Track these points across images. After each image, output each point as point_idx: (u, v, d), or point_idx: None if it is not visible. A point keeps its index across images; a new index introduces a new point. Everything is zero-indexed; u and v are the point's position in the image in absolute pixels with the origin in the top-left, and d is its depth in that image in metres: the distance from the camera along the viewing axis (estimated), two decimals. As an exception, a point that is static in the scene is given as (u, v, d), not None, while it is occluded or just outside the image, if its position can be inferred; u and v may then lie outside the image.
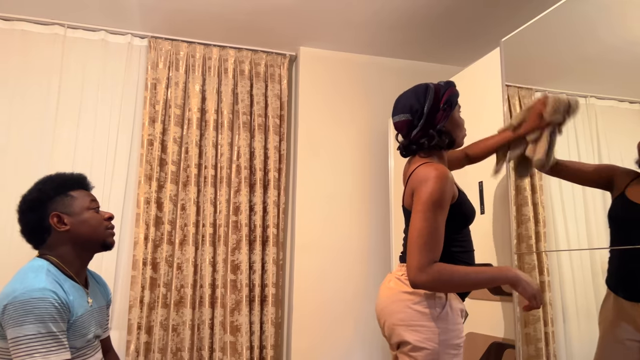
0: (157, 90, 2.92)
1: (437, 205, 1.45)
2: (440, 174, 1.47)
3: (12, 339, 1.23)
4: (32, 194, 1.45)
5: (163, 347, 2.71)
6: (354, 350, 2.95)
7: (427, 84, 1.65)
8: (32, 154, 2.73)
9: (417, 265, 1.41)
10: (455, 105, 1.64)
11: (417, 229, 1.44)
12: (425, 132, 1.61)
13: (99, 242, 1.49)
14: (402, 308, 1.49)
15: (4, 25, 2.79)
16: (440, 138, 1.61)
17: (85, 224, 1.45)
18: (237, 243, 2.89)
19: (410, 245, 1.44)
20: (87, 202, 1.48)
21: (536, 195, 1.90)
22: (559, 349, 1.74)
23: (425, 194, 1.46)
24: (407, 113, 1.63)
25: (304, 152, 3.08)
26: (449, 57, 3.31)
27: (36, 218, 1.42)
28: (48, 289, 1.28)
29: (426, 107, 1.60)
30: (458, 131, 1.66)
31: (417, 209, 1.46)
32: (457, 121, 1.66)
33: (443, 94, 1.62)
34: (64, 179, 1.48)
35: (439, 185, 1.46)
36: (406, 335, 1.46)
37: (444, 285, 1.44)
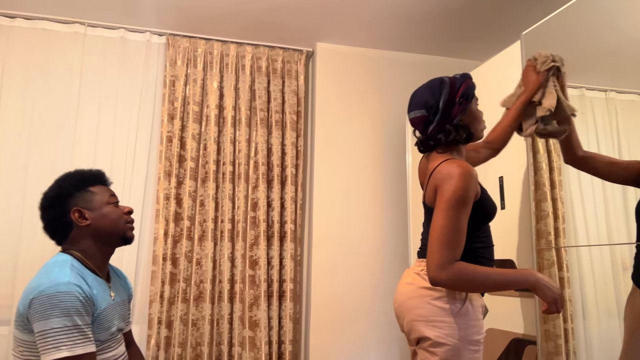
0: (176, 88, 2.95)
1: (460, 203, 1.44)
2: (464, 171, 1.45)
3: (39, 332, 1.26)
4: (52, 190, 1.48)
5: (183, 342, 2.75)
6: (371, 345, 2.96)
7: (442, 78, 1.63)
8: (53, 151, 2.78)
9: (438, 263, 1.41)
10: (472, 97, 1.62)
11: (440, 227, 1.43)
12: (441, 127, 1.59)
13: (119, 235, 1.51)
14: (421, 304, 1.49)
15: (26, 24, 2.84)
16: (457, 132, 1.59)
17: (105, 218, 1.48)
18: (255, 239, 2.91)
19: (432, 242, 1.44)
20: (107, 197, 1.51)
21: (555, 191, 1.88)
22: (579, 346, 1.73)
23: (448, 192, 1.44)
24: (422, 109, 1.61)
25: (321, 148, 3.09)
26: (466, 51, 3.28)
27: (58, 214, 1.45)
28: (73, 282, 1.31)
29: (442, 102, 1.58)
30: (477, 124, 1.64)
31: (440, 207, 1.45)
32: (474, 114, 1.64)
33: (459, 87, 1.60)
34: (83, 175, 1.51)
35: (463, 183, 1.44)
36: (426, 331, 1.46)
37: (464, 285, 1.43)
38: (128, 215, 1.55)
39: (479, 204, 1.53)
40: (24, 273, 2.63)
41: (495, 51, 3.25)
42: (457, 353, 1.43)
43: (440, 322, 1.45)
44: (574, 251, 1.77)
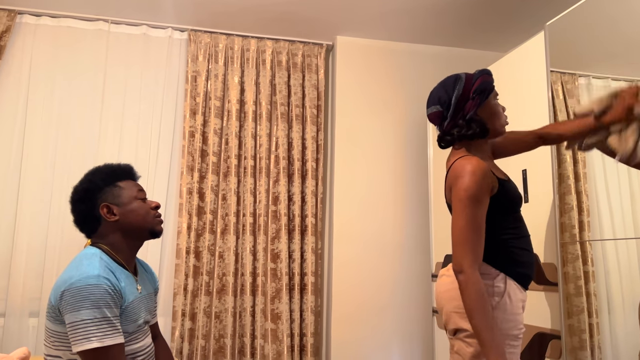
0: (198, 83, 2.98)
1: (473, 201, 1.46)
2: (474, 168, 1.47)
3: (70, 324, 1.30)
4: (82, 184, 1.50)
5: (206, 334, 2.79)
6: (393, 338, 2.96)
7: (459, 74, 1.64)
8: (80, 147, 2.84)
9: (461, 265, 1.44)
10: (489, 93, 1.61)
11: (458, 228, 1.46)
12: (455, 122, 1.61)
13: (147, 230, 1.53)
14: (458, 295, 1.51)
15: (52, 22, 2.90)
16: (469, 127, 1.59)
17: (133, 214, 1.50)
18: (277, 232, 2.93)
19: (453, 243, 1.48)
20: (135, 192, 1.53)
21: (580, 184, 1.86)
22: (604, 341, 1.71)
23: (461, 191, 1.47)
24: (436, 104, 1.64)
25: (342, 141, 3.09)
26: (488, 43, 3.24)
27: (87, 208, 1.48)
28: (102, 275, 1.34)
29: (454, 97, 1.60)
30: (495, 119, 1.63)
31: (455, 207, 1.48)
32: (492, 109, 1.63)
33: (474, 82, 1.60)
34: (112, 170, 1.53)
35: (474, 180, 1.46)
36: (462, 323, 1.48)
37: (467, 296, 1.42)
38: (155, 210, 1.57)
39: (499, 196, 1.53)
40: (52, 266, 2.70)
41: (518, 42, 3.21)
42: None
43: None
44: (599, 245, 1.74)
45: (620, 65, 1.70)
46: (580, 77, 1.89)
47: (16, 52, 2.84)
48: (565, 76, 1.96)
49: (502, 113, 1.66)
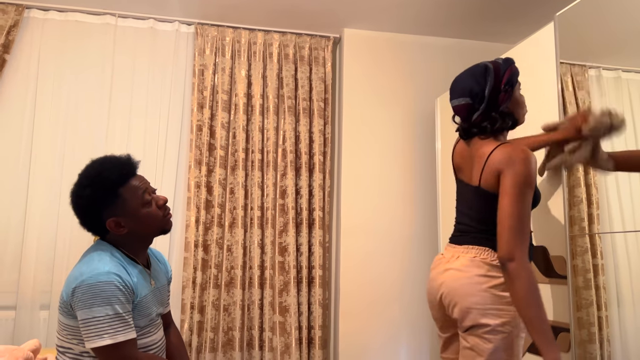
0: (205, 77, 2.98)
1: (528, 187, 1.46)
2: (528, 155, 1.48)
3: (82, 320, 1.31)
4: (81, 199, 1.40)
5: (215, 326, 2.81)
6: (400, 331, 2.97)
7: (486, 64, 1.60)
8: (88, 140, 2.85)
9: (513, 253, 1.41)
10: (516, 84, 1.61)
11: (509, 213, 1.44)
12: (487, 115, 1.59)
13: (158, 231, 1.50)
14: (476, 291, 1.49)
15: (59, 16, 2.91)
16: (504, 120, 1.59)
17: (143, 223, 1.45)
18: (284, 226, 2.94)
19: (504, 228, 1.44)
20: (140, 197, 1.43)
21: (589, 176, 1.84)
22: (613, 334, 1.70)
23: (516, 176, 1.46)
24: (466, 97, 1.59)
25: (349, 135, 3.09)
26: (497, 34, 3.22)
27: (93, 222, 1.44)
28: (113, 272, 1.34)
29: (487, 90, 1.56)
30: (519, 110, 1.64)
31: (507, 192, 1.46)
32: (518, 100, 1.64)
33: (503, 73, 1.58)
34: (110, 180, 1.40)
35: (530, 167, 1.47)
36: (483, 319, 1.46)
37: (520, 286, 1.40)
38: (163, 207, 1.50)
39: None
40: (62, 259, 2.72)
41: (527, 33, 3.18)
42: (512, 340, 1.45)
43: (498, 310, 1.46)
44: (608, 238, 1.73)
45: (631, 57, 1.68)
46: (590, 68, 1.87)
47: (24, 47, 2.86)
48: (575, 68, 1.94)
49: (524, 103, 1.67)
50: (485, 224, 1.58)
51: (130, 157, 1.48)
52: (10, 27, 2.76)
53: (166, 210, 1.52)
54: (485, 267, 1.51)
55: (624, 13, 1.71)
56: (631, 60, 1.68)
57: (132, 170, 1.47)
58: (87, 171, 1.43)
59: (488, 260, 1.52)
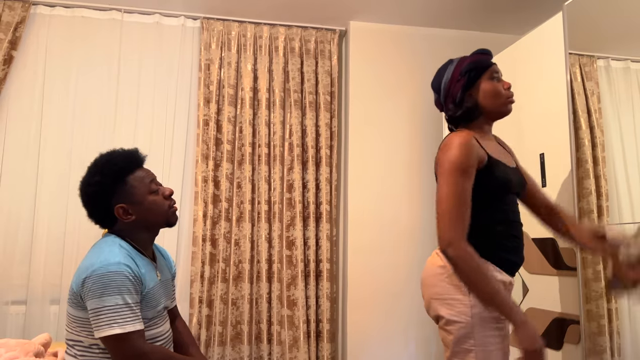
0: (211, 71, 2.97)
1: (459, 171, 1.42)
2: (460, 140, 1.45)
3: (92, 310, 1.32)
4: (91, 187, 1.44)
5: (223, 320, 2.82)
6: (409, 324, 2.97)
7: (452, 59, 1.65)
8: (96, 135, 2.86)
9: (448, 238, 1.39)
10: (481, 71, 1.57)
11: (443, 198, 1.42)
12: (447, 106, 1.62)
13: (164, 221, 1.53)
14: (436, 282, 1.50)
15: (66, 12, 2.91)
16: (457, 109, 1.58)
17: (149, 211, 1.48)
18: (292, 220, 2.94)
19: (438, 215, 1.43)
20: (147, 184, 1.48)
21: (598, 168, 1.83)
22: (623, 326, 1.69)
23: (446, 161, 1.44)
24: (435, 92, 1.67)
25: (355, 128, 3.08)
26: (504, 25, 3.19)
27: (101, 210, 1.46)
28: (122, 262, 1.36)
29: (443, 82, 1.61)
30: (490, 99, 1.57)
31: (441, 178, 1.45)
32: (487, 88, 1.57)
33: (463, 63, 1.59)
34: (118, 166, 1.45)
35: (460, 151, 1.43)
36: (440, 309, 1.47)
37: (462, 271, 1.38)
38: (169, 199, 1.54)
39: (484, 172, 1.48)
40: (72, 254, 2.74)
41: (535, 24, 3.15)
42: (471, 330, 1.41)
43: (452, 299, 1.45)
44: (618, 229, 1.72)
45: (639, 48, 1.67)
46: (599, 59, 1.86)
47: (31, 43, 2.86)
48: (583, 58, 1.92)
49: (500, 91, 1.58)
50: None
51: (137, 150, 1.54)
52: (17, 24, 2.77)
53: (172, 202, 1.55)
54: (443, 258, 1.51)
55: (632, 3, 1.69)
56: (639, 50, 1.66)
57: (140, 160, 1.52)
58: (96, 161, 1.48)
59: None
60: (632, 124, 1.69)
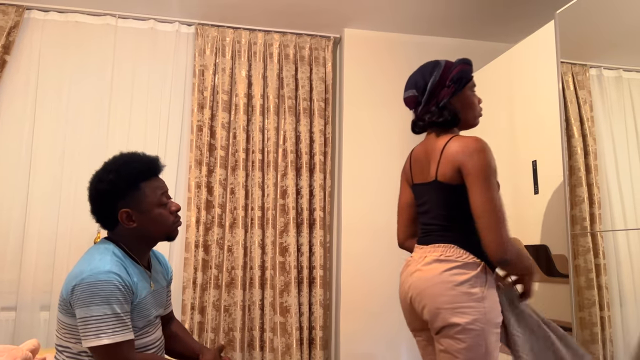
0: (205, 77, 2.97)
1: (493, 175, 1.46)
2: (484, 144, 1.48)
3: (81, 319, 1.30)
4: (102, 182, 1.41)
5: (216, 327, 2.80)
6: (401, 331, 2.96)
7: (438, 61, 1.64)
8: (89, 141, 2.84)
9: (502, 242, 1.41)
10: (466, 83, 1.61)
11: (487, 204, 1.43)
12: (428, 108, 1.61)
13: (164, 236, 1.49)
14: (445, 290, 1.46)
15: (60, 17, 2.91)
16: (441, 114, 1.58)
17: (152, 223, 1.44)
18: (285, 226, 2.93)
19: (484, 225, 1.42)
20: (158, 196, 1.45)
21: (591, 176, 1.84)
22: (616, 334, 1.69)
23: (481, 167, 1.45)
24: (413, 89, 1.64)
25: (349, 135, 3.08)
26: (497, 33, 3.21)
27: (106, 210, 1.43)
28: (113, 271, 1.33)
29: (430, 83, 1.59)
30: (468, 110, 1.62)
31: (476, 185, 1.44)
32: (467, 100, 1.62)
33: (452, 70, 1.60)
34: (137, 170, 1.43)
35: (489, 154, 1.47)
36: (453, 318, 1.44)
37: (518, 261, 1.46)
38: (175, 215, 1.50)
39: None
40: (63, 260, 2.72)
41: (527, 32, 3.17)
42: (485, 336, 1.42)
43: (467, 307, 1.44)
44: (610, 237, 1.72)
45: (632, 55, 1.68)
46: (592, 68, 1.87)
47: (24, 48, 2.85)
48: (575, 67, 1.94)
49: (477, 105, 1.65)
50: (448, 220, 1.55)
51: (158, 158, 1.51)
52: (10, 28, 2.76)
53: (177, 218, 1.51)
54: (451, 265, 1.48)
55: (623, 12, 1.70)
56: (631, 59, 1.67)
57: (158, 169, 1.49)
58: (115, 159, 1.45)
59: (454, 257, 1.49)
60: (624, 132, 1.70)
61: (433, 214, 1.59)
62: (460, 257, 1.49)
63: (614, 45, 1.76)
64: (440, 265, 1.50)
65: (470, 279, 1.46)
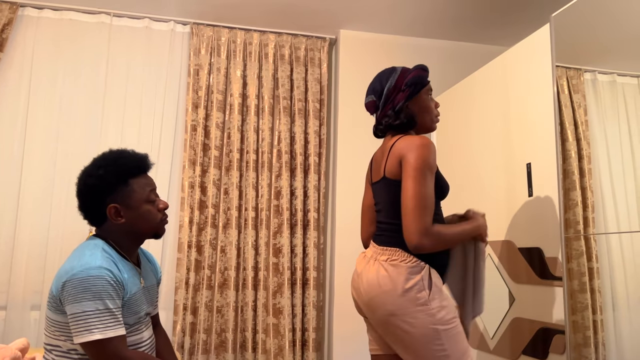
0: (200, 76, 2.96)
1: (428, 170, 1.50)
2: (427, 142, 1.53)
3: (72, 315, 1.29)
4: (91, 177, 1.42)
5: (208, 328, 2.78)
6: (395, 334, 2.95)
7: (395, 67, 1.71)
8: (82, 140, 2.82)
9: (420, 229, 1.44)
10: (421, 87, 1.67)
11: (413, 194, 1.47)
12: (385, 112, 1.67)
13: (152, 232, 1.50)
14: (392, 299, 1.48)
15: (54, 15, 2.89)
16: (397, 117, 1.64)
17: (140, 219, 1.45)
18: (279, 227, 2.92)
19: (408, 210, 1.47)
20: (146, 193, 1.46)
21: (585, 180, 1.84)
22: (609, 338, 1.69)
23: (417, 160, 1.50)
24: (372, 94, 1.70)
25: (344, 136, 3.08)
26: (492, 36, 3.22)
27: (94, 205, 1.44)
28: (104, 267, 1.33)
29: (386, 88, 1.65)
30: (425, 114, 1.69)
31: (409, 175, 1.49)
32: (423, 103, 1.68)
33: (408, 75, 1.66)
34: (126, 165, 1.44)
35: (428, 152, 1.52)
36: (403, 326, 1.47)
37: (443, 245, 1.50)
38: (163, 212, 1.51)
39: (436, 178, 1.60)
40: (54, 259, 2.70)
41: (522, 36, 3.18)
42: (437, 336, 1.46)
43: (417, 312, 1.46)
44: (603, 241, 1.73)
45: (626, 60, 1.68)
46: (586, 72, 1.87)
47: (18, 45, 2.83)
48: (570, 71, 1.94)
49: (433, 109, 1.71)
50: (396, 218, 1.58)
51: (147, 156, 1.53)
52: (4, 25, 2.74)
53: (164, 216, 1.53)
54: (398, 270, 1.50)
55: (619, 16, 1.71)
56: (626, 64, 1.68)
57: (147, 167, 1.51)
58: (105, 155, 1.47)
59: (398, 261, 1.52)
60: (617, 136, 1.71)
61: (384, 212, 1.63)
62: (405, 260, 1.52)
63: (608, 50, 1.76)
64: (387, 270, 1.52)
65: (417, 283, 1.48)
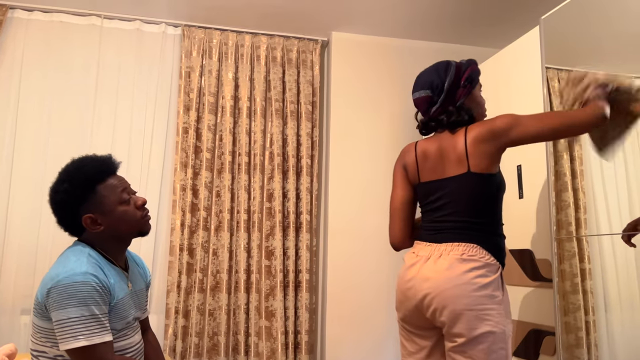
0: (191, 79, 2.95)
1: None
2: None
3: (57, 322, 1.27)
4: (58, 194, 1.40)
5: (200, 331, 2.77)
6: (388, 336, 2.95)
7: (449, 61, 1.65)
8: (72, 143, 2.80)
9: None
10: (477, 83, 1.65)
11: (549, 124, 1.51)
12: (444, 108, 1.62)
13: (135, 232, 1.47)
14: (469, 292, 1.42)
15: (44, 17, 2.86)
16: (459, 114, 1.60)
17: (119, 222, 1.42)
18: (271, 229, 2.91)
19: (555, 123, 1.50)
20: (118, 194, 1.42)
21: (576, 181, 1.84)
22: (601, 339, 1.69)
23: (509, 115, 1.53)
24: (427, 89, 1.63)
25: (337, 138, 3.07)
26: (484, 38, 3.22)
27: (69, 219, 1.41)
28: (90, 272, 1.31)
29: (447, 83, 1.61)
30: (479, 109, 1.68)
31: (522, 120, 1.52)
32: (477, 99, 1.67)
33: (464, 70, 1.63)
34: (88, 174, 1.40)
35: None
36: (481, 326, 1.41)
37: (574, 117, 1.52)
38: (142, 209, 1.47)
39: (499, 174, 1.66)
40: (44, 264, 2.67)
41: (513, 37, 3.19)
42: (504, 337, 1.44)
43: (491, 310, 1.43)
44: (595, 242, 1.73)
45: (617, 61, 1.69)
46: (577, 72, 1.87)
47: (7, 47, 2.81)
48: (561, 72, 1.94)
49: (484, 105, 1.71)
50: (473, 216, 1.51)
51: (111, 157, 1.47)
52: (-8, 27, 2.71)
53: (145, 212, 1.49)
54: (474, 265, 1.45)
55: (608, 18, 1.71)
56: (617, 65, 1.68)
57: (112, 168, 1.46)
58: (67, 167, 1.44)
59: (477, 257, 1.46)
60: (608, 137, 1.71)
61: (451, 209, 1.55)
62: (483, 257, 1.47)
63: (598, 51, 1.77)
64: (462, 265, 1.45)
65: (493, 281, 1.45)
